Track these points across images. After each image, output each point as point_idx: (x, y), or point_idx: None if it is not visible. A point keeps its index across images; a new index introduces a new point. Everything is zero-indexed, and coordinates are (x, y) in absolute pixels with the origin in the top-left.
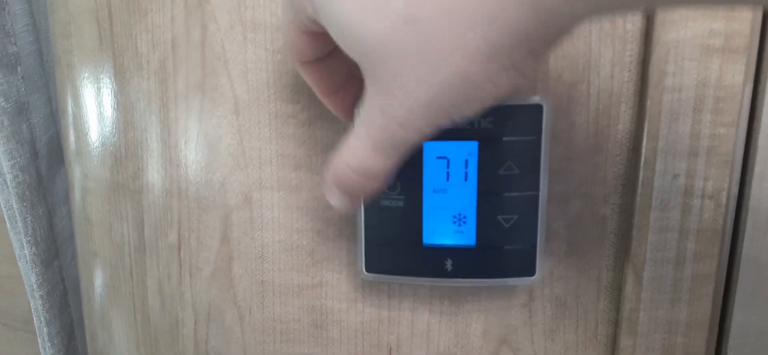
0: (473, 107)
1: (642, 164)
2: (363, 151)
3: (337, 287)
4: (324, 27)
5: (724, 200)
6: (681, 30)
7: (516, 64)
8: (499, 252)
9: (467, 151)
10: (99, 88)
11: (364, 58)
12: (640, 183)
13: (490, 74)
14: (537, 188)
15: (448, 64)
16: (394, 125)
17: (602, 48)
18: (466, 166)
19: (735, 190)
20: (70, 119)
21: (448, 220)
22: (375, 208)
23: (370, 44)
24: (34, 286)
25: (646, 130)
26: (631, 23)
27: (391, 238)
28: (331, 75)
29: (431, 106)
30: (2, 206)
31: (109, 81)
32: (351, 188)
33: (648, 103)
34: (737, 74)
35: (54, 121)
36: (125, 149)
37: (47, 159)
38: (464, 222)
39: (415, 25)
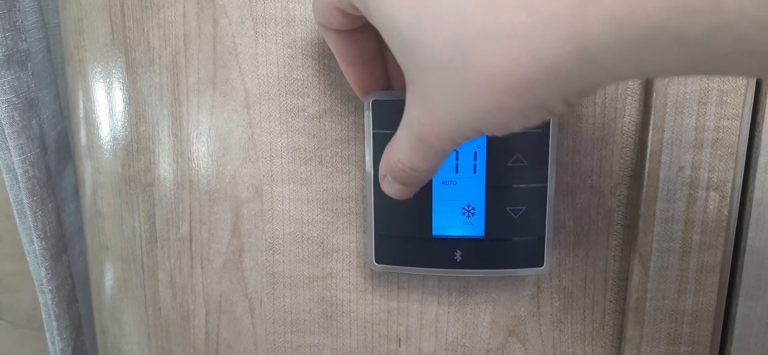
0: (502, 131)
1: (648, 156)
2: (407, 149)
3: (347, 278)
4: (361, 14)
5: (728, 191)
6: None
7: (548, 105)
8: (507, 243)
9: (476, 143)
10: (111, 83)
11: (412, 67)
12: (646, 175)
13: (523, 110)
14: (545, 180)
15: (488, 95)
16: (430, 136)
17: None
18: (475, 159)
19: (739, 181)
20: (81, 114)
21: (457, 211)
22: (384, 200)
23: (419, 58)
24: (44, 280)
25: (651, 122)
26: (632, 79)
27: (400, 229)
28: (355, 47)
29: (465, 125)
30: (12, 201)
31: (121, 76)
32: (404, 179)
33: (653, 95)
34: None
35: (62, 117)
36: (137, 143)
37: (56, 154)
38: (473, 214)
39: (462, 51)
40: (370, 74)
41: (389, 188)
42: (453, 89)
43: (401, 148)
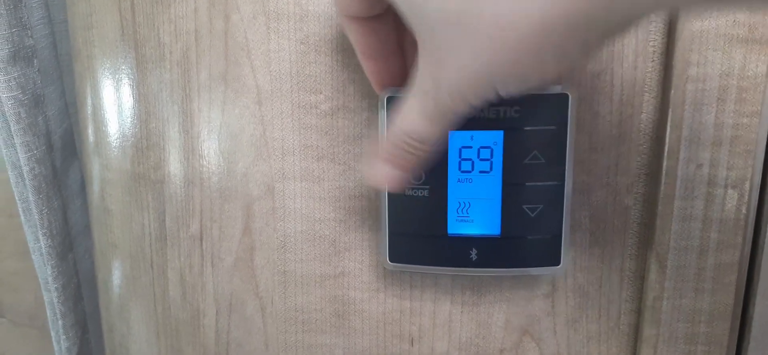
0: (519, 87)
1: (665, 154)
2: (414, 116)
3: (359, 277)
4: None
5: (746, 189)
6: (705, 20)
7: (567, 53)
8: (523, 242)
9: (492, 140)
10: (120, 80)
11: (421, 25)
12: (663, 172)
13: (540, 59)
14: (562, 178)
15: (501, 44)
16: (444, 94)
17: (625, 38)
18: (492, 156)
19: (758, 179)
20: (89, 111)
21: (473, 209)
22: (400, 197)
23: (428, 15)
24: (49, 279)
25: (669, 119)
26: (654, 13)
27: (415, 228)
28: (375, 39)
29: (480, 80)
30: (17, 199)
31: (130, 72)
32: (402, 154)
33: (672, 92)
34: (760, 64)
35: (68, 113)
36: (147, 140)
37: (61, 152)
38: (489, 212)
39: (471, 4)
40: (389, 69)
41: (382, 174)
42: (465, 45)
43: (406, 117)
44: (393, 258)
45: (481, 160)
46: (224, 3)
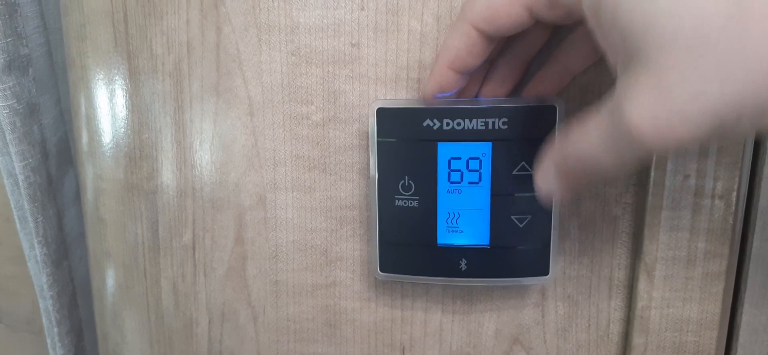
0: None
1: (653, 164)
2: (597, 139)
3: (351, 287)
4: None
5: (733, 200)
6: None
7: None
8: (512, 252)
9: (481, 152)
10: (113, 90)
11: (646, 47)
12: (651, 183)
13: None
14: None
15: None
16: (656, 127)
17: None
18: (480, 167)
19: (744, 190)
20: (83, 121)
21: (463, 220)
22: (389, 208)
23: (666, 31)
24: (45, 286)
25: None
26: None
27: (406, 238)
28: (478, 50)
29: (726, 108)
30: (13, 206)
31: (123, 82)
32: (575, 175)
33: None
34: None
35: (63, 121)
36: (140, 150)
37: (57, 160)
38: (478, 222)
39: (742, 12)
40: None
41: (546, 184)
42: (719, 62)
43: (588, 138)
44: (383, 268)
45: (470, 171)
46: (216, 15)
